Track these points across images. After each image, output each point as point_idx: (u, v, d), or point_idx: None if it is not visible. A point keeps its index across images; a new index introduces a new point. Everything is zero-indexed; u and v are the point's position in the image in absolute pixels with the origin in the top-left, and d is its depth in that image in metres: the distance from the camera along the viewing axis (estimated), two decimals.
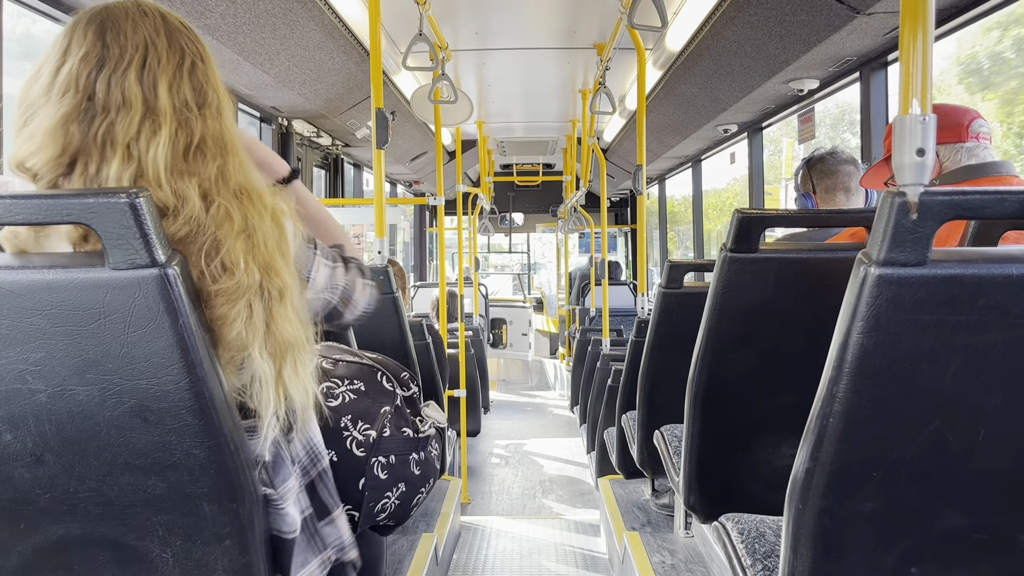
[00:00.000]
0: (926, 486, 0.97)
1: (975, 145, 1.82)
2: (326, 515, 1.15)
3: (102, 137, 1.00)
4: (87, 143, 1.00)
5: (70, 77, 1.01)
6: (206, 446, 0.95)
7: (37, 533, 1.00)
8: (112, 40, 1.03)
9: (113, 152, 1.00)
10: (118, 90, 1.01)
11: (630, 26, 3.06)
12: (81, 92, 1.01)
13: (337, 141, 5.53)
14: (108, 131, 1.00)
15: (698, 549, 2.64)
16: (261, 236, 1.04)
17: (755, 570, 1.26)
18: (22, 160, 1.00)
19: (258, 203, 1.06)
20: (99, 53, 1.02)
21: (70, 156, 1.00)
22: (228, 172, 1.06)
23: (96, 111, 1.00)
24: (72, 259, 0.93)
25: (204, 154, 1.05)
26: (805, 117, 4.24)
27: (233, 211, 1.02)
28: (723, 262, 1.51)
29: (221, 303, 0.99)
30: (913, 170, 0.90)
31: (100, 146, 1.00)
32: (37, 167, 0.99)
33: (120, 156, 1.00)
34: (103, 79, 1.01)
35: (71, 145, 1.00)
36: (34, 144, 1.00)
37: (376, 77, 2.73)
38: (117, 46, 1.03)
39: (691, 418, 1.68)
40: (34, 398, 0.92)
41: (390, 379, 1.37)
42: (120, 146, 1.00)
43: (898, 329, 0.89)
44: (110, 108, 1.01)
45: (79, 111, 1.00)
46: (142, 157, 1.00)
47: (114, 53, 1.03)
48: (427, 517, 3.12)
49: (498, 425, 6.99)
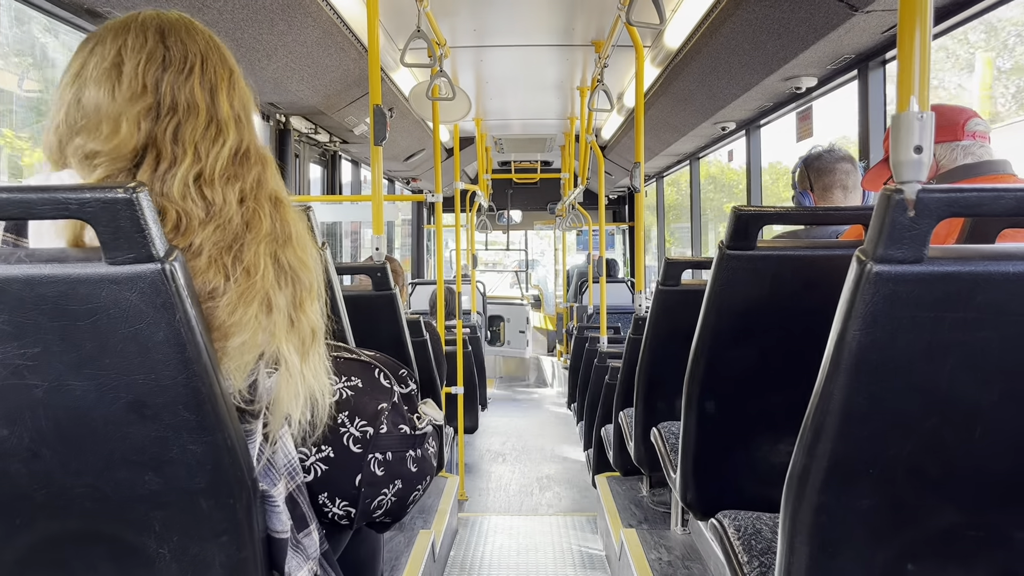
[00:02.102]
0: (922, 483, 0.97)
1: (972, 143, 1.83)
2: (305, 527, 1.16)
3: (171, 136, 1.05)
4: (157, 139, 1.04)
5: (136, 74, 1.05)
6: (203, 442, 0.95)
7: (33, 529, 1.00)
8: (173, 44, 1.08)
9: (183, 152, 1.05)
10: (182, 93, 1.06)
11: (628, 23, 3.06)
12: (151, 91, 1.05)
13: (335, 138, 5.52)
14: (177, 131, 1.05)
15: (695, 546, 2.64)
16: (294, 236, 1.10)
17: (752, 566, 1.27)
18: (98, 150, 1.03)
19: (290, 209, 1.13)
20: (163, 54, 1.07)
21: (142, 149, 1.04)
22: (265, 179, 1.12)
23: (162, 111, 1.05)
24: (69, 254, 0.93)
25: (249, 160, 1.10)
26: (803, 115, 4.24)
27: (264, 215, 1.07)
28: (721, 259, 1.51)
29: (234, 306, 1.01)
30: (911, 167, 0.90)
31: (171, 144, 1.05)
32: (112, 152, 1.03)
33: (191, 157, 1.05)
34: (168, 80, 1.06)
35: (142, 139, 1.04)
36: (116, 138, 1.03)
37: (374, 73, 2.73)
38: (179, 51, 1.08)
39: (688, 415, 1.68)
40: (31, 393, 0.91)
41: (388, 376, 1.37)
42: (190, 147, 1.05)
43: (895, 326, 0.89)
44: (177, 109, 1.06)
45: (150, 108, 1.04)
46: (206, 160, 1.06)
47: (176, 56, 1.07)
48: (424, 514, 3.12)
49: (495, 422, 6.99)
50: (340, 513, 1.25)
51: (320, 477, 1.24)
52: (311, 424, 1.13)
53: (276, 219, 1.09)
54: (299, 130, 4.94)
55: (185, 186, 1.04)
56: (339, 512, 1.25)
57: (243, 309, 1.02)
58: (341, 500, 1.25)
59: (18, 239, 1.04)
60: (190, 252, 1.01)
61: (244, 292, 1.02)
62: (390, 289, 2.35)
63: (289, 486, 1.15)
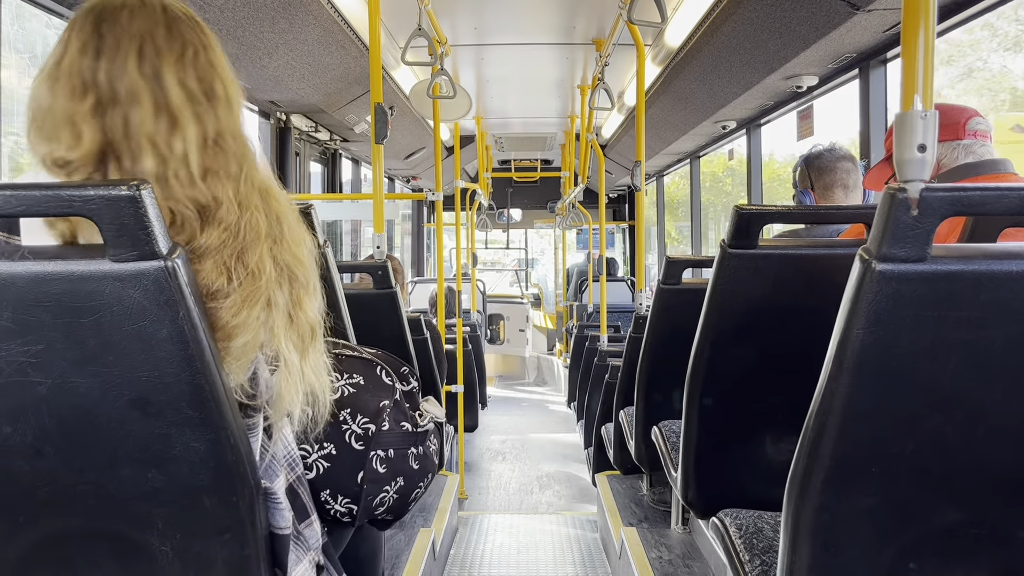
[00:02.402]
0: (925, 482, 0.97)
1: (973, 142, 1.82)
2: (306, 518, 1.16)
3: (122, 131, 0.99)
4: (112, 137, 0.99)
5: (70, 69, 1.00)
6: (206, 439, 0.95)
7: (36, 526, 1.00)
8: (107, 30, 1.01)
9: (140, 148, 0.99)
10: (120, 82, 1.00)
11: (630, 22, 3.06)
12: (81, 84, 0.99)
13: (335, 136, 5.52)
14: (126, 125, 0.99)
15: (695, 545, 2.64)
16: (288, 231, 1.06)
17: (753, 565, 1.27)
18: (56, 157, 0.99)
19: (282, 200, 1.08)
20: (95, 43, 1.01)
21: (100, 151, 0.99)
22: (252, 171, 1.06)
23: (105, 104, 0.99)
24: (72, 251, 0.93)
25: (225, 151, 1.04)
26: (804, 114, 4.24)
27: (260, 215, 1.03)
28: (722, 258, 1.51)
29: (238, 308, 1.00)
30: (914, 166, 0.90)
31: (127, 140, 1.00)
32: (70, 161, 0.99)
33: (150, 153, 0.99)
34: (102, 70, 1.00)
35: (96, 139, 0.99)
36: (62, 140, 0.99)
37: (375, 72, 2.72)
38: (112, 36, 1.01)
39: (689, 414, 1.68)
40: (34, 390, 0.91)
41: (389, 373, 1.37)
42: (145, 141, 0.99)
43: (898, 325, 0.89)
44: (119, 101, 1.00)
45: (86, 104, 0.99)
46: (169, 155, 1.00)
47: (109, 43, 1.01)
48: (425, 512, 3.13)
49: (495, 421, 6.99)
50: (342, 510, 1.25)
51: (322, 474, 1.24)
52: (312, 420, 1.13)
53: (270, 215, 1.05)
54: (300, 128, 4.93)
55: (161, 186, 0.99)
56: (341, 509, 1.25)
57: (247, 311, 1.00)
58: (343, 497, 1.25)
59: (9, 237, 1.02)
60: (192, 254, 0.99)
61: (249, 295, 1.01)
62: (391, 287, 2.35)
63: (289, 477, 1.15)
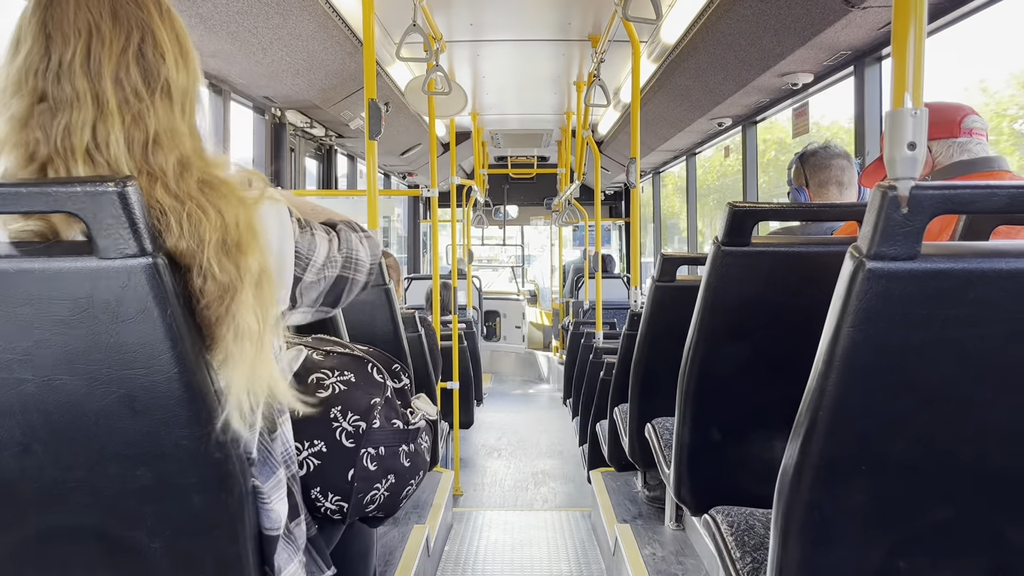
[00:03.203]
0: (914, 480, 0.97)
1: (968, 140, 1.83)
2: (296, 516, 1.15)
3: (61, 139, 0.94)
4: (52, 147, 0.94)
5: (19, 75, 0.95)
6: (195, 437, 0.94)
7: (25, 523, 1.00)
8: (55, 29, 0.96)
9: (74, 156, 0.95)
10: (67, 85, 0.95)
11: (625, 18, 3.06)
12: (29, 91, 0.95)
13: (331, 132, 5.51)
14: (66, 132, 0.95)
15: (689, 541, 2.65)
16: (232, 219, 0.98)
17: (744, 562, 1.27)
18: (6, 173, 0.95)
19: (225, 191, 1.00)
20: (43, 45, 0.96)
21: (40, 162, 0.95)
22: (189, 162, 1.00)
23: (53, 110, 0.95)
24: (60, 249, 0.92)
25: (161, 147, 0.98)
26: (799, 111, 4.24)
27: (205, 207, 0.97)
28: (715, 255, 1.51)
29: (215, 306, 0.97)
30: (904, 164, 0.90)
31: (62, 150, 0.95)
32: (9, 175, 0.95)
33: (82, 160, 0.94)
34: (51, 74, 0.95)
35: (39, 151, 0.94)
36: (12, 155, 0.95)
37: (369, 68, 2.72)
38: (60, 34, 0.96)
39: (682, 411, 1.68)
40: (21, 387, 0.91)
41: (380, 371, 1.37)
42: (79, 149, 0.94)
43: (888, 323, 0.89)
44: (63, 106, 0.95)
45: (34, 111, 0.95)
46: (101, 159, 0.95)
47: (57, 43, 0.96)
48: (419, 509, 3.12)
49: (491, 417, 6.99)
50: (332, 508, 1.25)
51: (313, 472, 1.24)
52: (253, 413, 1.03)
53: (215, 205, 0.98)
54: (295, 124, 4.92)
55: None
56: (332, 507, 1.25)
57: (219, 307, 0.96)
58: (333, 495, 1.25)
59: None
60: None
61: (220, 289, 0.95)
62: (385, 283, 2.35)
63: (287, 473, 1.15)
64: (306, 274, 1.15)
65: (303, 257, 1.14)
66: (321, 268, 1.17)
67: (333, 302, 1.23)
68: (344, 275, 1.22)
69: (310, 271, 1.15)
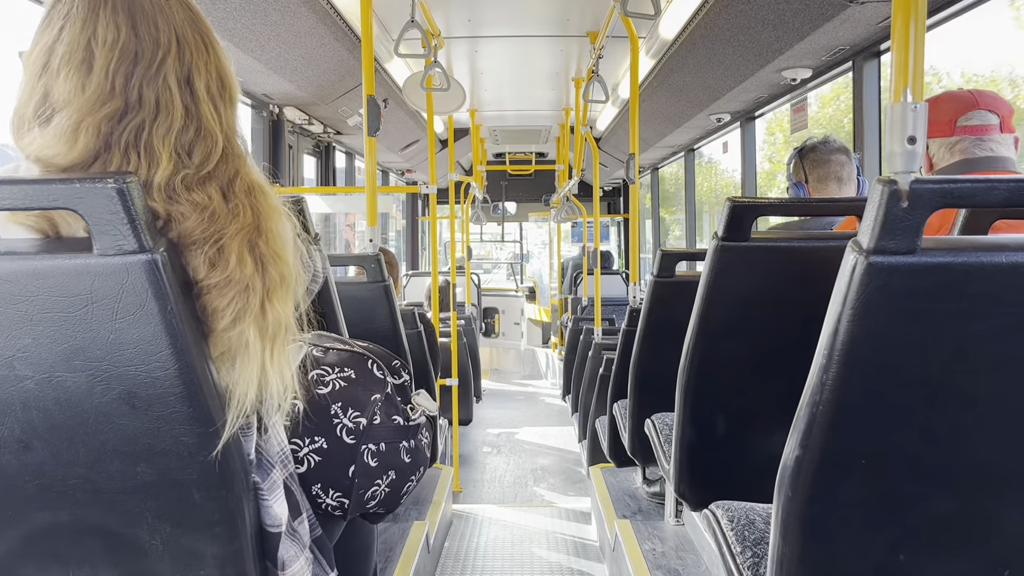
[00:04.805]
0: (914, 473, 0.97)
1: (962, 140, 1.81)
2: (298, 515, 1.16)
3: (128, 139, 0.97)
4: (110, 143, 0.97)
5: (108, 75, 0.97)
6: (195, 433, 0.94)
7: (25, 520, 1.00)
8: (145, 31, 0.98)
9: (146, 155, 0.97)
10: (151, 90, 0.98)
11: (623, 14, 3.05)
12: (120, 94, 0.97)
13: (329, 129, 5.50)
14: (137, 133, 0.97)
15: (688, 537, 2.65)
16: (272, 228, 1.04)
17: (744, 557, 1.27)
18: (51, 158, 0.96)
19: (267, 196, 1.07)
20: (134, 47, 0.97)
21: (93, 155, 0.97)
22: (244, 170, 1.05)
23: (128, 111, 0.97)
24: (59, 245, 0.92)
25: (227, 157, 1.04)
26: (798, 107, 4.24)
27: (245, 207, 1.02)
28: (715, 250, 1.51)
29: (214, 296, 0.98)
30: (904, 158, 0.90)
31: (124, 148, 0.97)
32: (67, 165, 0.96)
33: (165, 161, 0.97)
34: (138, 76, 0.97)
35: (98, 145, 0.97)
36: (76, 148, 0.96)
37: (368, 64, 2.71)
38: (150, 38, 0.98)
39: (682, 406, 1.68)
40: (21, 385, 0.91)
41: (381, 367, 1.37)
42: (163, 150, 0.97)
43: (888, 317, 0.89)
44: (142, 108, 0.98)
45: (116, 113, 0.97)
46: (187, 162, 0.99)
47: (148, 47, 0.98)
48: (419, 505, 3.13)
49: (490, 414, 7.00)
50: (333, 504, 1.25)
51: (313, 468, 1.24)
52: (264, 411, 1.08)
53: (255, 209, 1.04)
54: (293, 121, 4.91)
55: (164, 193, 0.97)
56: (332, 503, 1.25)
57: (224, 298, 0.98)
58: (334, 491, 1.25)
59: None
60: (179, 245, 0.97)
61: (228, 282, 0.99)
62: (384, 280, 2.35)
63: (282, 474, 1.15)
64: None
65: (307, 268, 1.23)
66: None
67: None
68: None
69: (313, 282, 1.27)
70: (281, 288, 1.04)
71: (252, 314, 1.00)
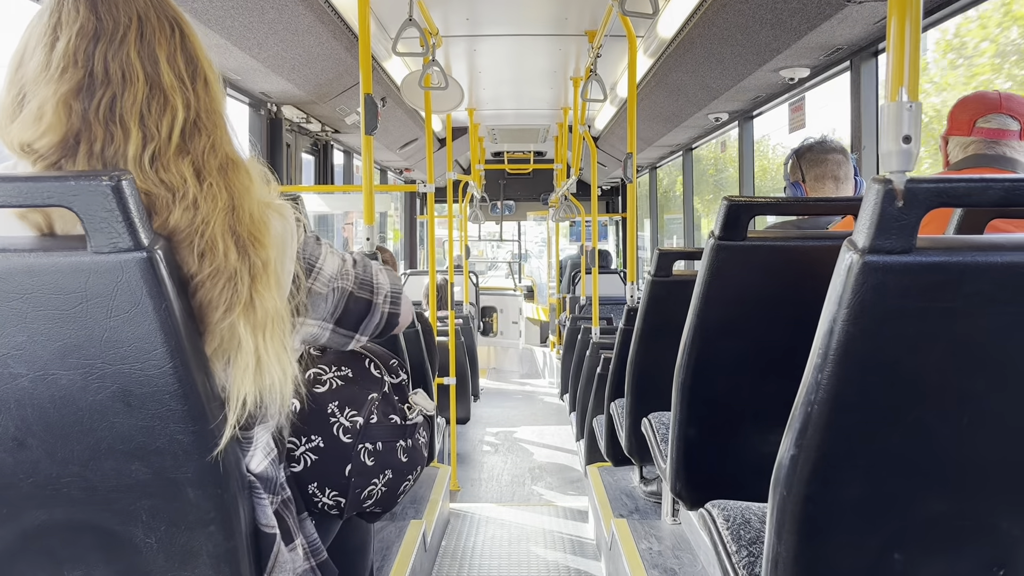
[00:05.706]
0: (910, 472, 0.97)
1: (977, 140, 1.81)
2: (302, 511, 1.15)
3: (104, 113, 0.98)
4: (88, 120, 0.98)
5: (67, 52, 0.98)
6: (190, 431, 0.94)
7: (20, 518, 1.00)
8: (105, 12, 1.00)
9: (120, 129, 0.98)
10: (116, 64, 0.99)
11: (622, 13, 3.05)
12: (81, 67, 0.98)
13: (327, 127, 5.49)
14: (111, 107, 0.98)
15: (685, 536, 2.65)
16: (246, 209, 1.03)
17: (740, 556, 1.27)
18: (28, 142, 0.97)
19: (243, 174, 1.05)
20: (94, 26, 1.00)
21: (74, 135, 0.98)
22: (217, 144, 1.05)
23: (96, 86, 0.98)
24: (53, 243, 0.92)
25: (199, 130, 1.03)
26: (796, 106, 4.24)
27: (220, 188, 1.01)
28: (711, 250, 1.51)
29: (207, 288, 0.98)
30: (899, 157, 0.90)
31: (104, 123, 0.98)
32: (43, 148, 0.97)
33: (135, 134, 0.98)
34: (100, 52, 0.99)
35: (74, 123, 0.97)
36: (41, 126, 0.97)
37: (365, 63, 2.71)
38: (111, 18, 1.00)
39: (678, 405, 1.68)
40: (15, 382, 0.91)
41: (378, 366, 1.37)
42: (132, 123, 0.98)
43: (883, 316, 0.89)
44: (111, 82, 0.99)
45: (80, 87, 0.98)
46: (154, 135, 0.99)
47: (108, 25, 1.00)
48: (416, 504, 3.13)
49: (488, 413, 7.00)
50: (330, 503, 1.25)
51: (310, 467, 1.24)
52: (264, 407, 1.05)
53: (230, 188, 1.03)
54: (291, 119, 4.91)
55: (140, 168, 0.98)
56: (329, 502, 1.25)
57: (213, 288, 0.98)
58: (331, 490, 1.25)
59: None
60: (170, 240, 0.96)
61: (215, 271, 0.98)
62: None
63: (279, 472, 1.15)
64: (315, 283, 1.15)
65: (306, 261, 1.15)
66: (330, 280, 1.18)
67: (353, 325, 1.23)
68: (361, 296, 1.23)
69: (319, 280, 1.17)
70: (264, 274, 1.03)
71: (242, 303, 0.99)
